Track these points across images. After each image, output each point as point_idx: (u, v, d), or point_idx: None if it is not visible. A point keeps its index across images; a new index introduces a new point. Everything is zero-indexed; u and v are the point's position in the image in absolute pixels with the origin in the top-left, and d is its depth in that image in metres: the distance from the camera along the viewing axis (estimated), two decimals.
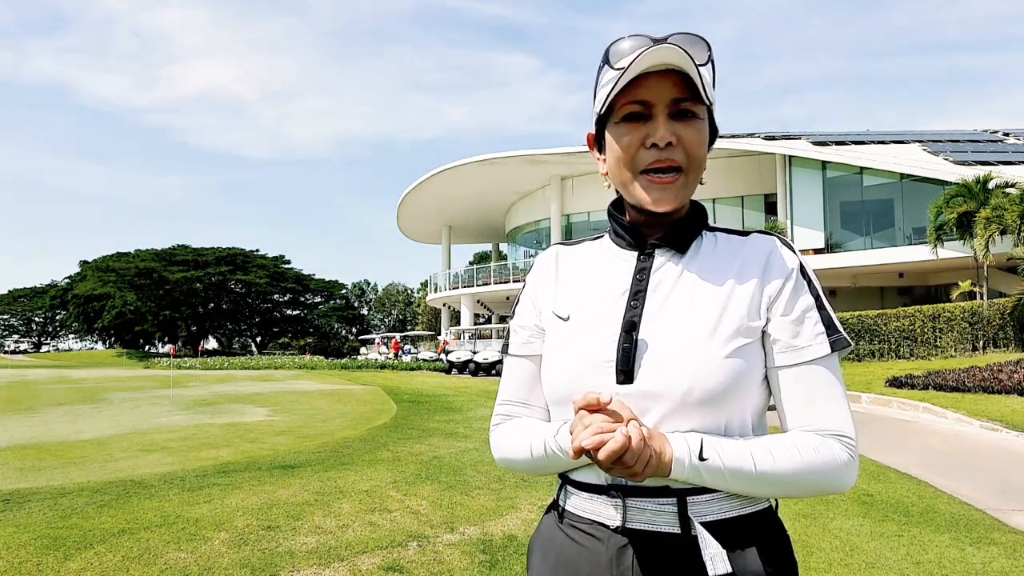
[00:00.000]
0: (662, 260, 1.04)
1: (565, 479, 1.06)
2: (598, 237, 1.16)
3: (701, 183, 1.03)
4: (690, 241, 1.04)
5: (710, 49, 0.98)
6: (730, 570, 0.90)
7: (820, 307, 0.99)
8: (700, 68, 0.95)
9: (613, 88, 0.96)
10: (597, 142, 1.08)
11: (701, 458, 0.90)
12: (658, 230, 1.04)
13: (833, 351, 0.97)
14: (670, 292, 1.01)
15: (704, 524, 0.93)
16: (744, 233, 1.07)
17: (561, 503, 1.06)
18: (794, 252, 1.03)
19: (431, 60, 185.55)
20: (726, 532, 0.94)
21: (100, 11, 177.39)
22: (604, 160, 1.06)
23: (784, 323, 0.98)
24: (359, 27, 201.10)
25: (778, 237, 1.05)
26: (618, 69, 0.96)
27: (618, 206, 1.10)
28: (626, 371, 0.96)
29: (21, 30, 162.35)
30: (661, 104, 0.97)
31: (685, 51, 0.92)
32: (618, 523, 0.96)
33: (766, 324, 0.99)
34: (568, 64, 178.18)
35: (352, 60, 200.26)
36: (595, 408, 0.88)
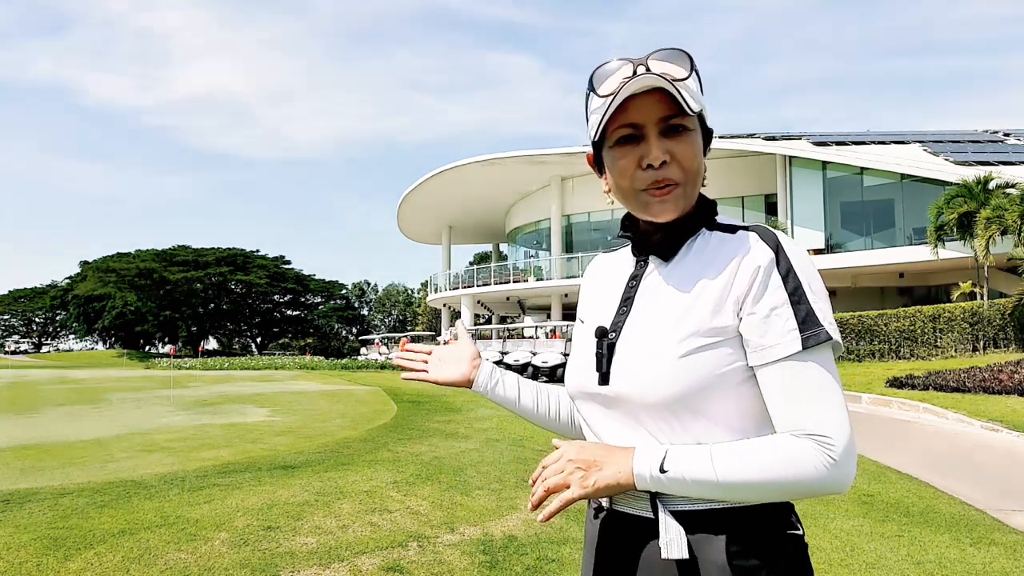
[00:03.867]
0: (652, 266, 1.09)
1: None
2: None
3: (703, 185, 1.06)
4: (678, 246, 1.07)
5: (692, 60, 1.00)
6: (686, 556, 0.95)
7: (796, 302, 0.95)
8: (684, 82, 0.98)
9: (603, 117, 1.00)
10: (597, 163, 1.12)
11: (662, 470, 0.96)
12: (657, 235, 1.08)
13: (805, 348, 0.93)
14: (651, 298, 1.06)
15: (675, 513, 0.98)
16: (734, 229, 1.05)
17: None
18: (771, 246, 0.99)
19: (431, 60, 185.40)
20: (697, 522, 0.98)
21: (101, 12, 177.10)
22: (606, 179, 1.10)
23: (752, 321, 0.97)
24: (359, 27, 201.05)
25: (759, 231, 1.02)
26: (603, 96, 1.00)
27: (630, 214, 1.14)
28: (603, 374, 1.05)
29: (24, 31, 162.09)
30: (651, 124, 0.99)
31: (663, 76, 0.96)
32: (607, 504, 1.08)
33: (740, 324, 0.98)
34: (568, 64, 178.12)
35: (352, 60, 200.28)
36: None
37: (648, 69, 0.98)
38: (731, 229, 1.05)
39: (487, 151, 31.43)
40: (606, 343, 1.05)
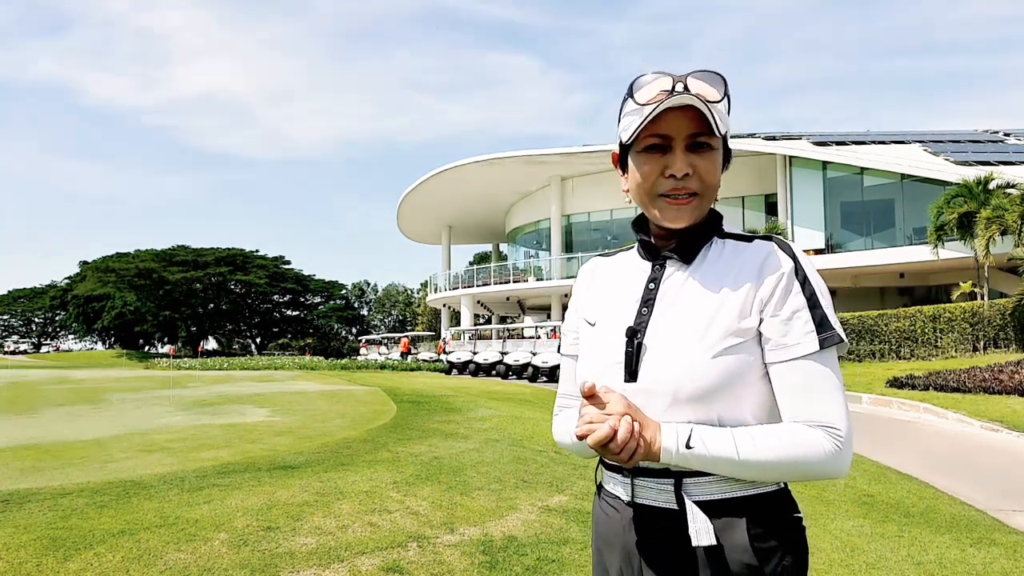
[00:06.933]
0: (671, 270, 1.15)
1: (601, 461, 1.21)
2: (631, 248, 1.28)
3: (716, 201, 1.14)
4: (696, 251, 1.15)
5: (726, 84, 1.08)
6: (714, 542, 1.02)
7: (813, 307, 1.06)
8: (716, 104, 1.06)
9: (639, 125, 1.07)
10: (621, 162, 1.19)
11: (687, 446, 1.02)
12: (671, 242, 1.16)
13: (822, 348, 1.04)
14: (674, 299, 1.12)
15: (698, 503, 1.05)
16: (749, 239, 1.15)
17: (598, 480, 1.26)
18: (790, 256, 1.10)
19: (431, 60, 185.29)
20: (719, 511, 1.05)
21: (101, 12, 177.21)
22: (627, 179, 1.18)
23: (774, 323, 1.06)
24: (359, 27, 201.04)
25: (778, 242, 1.12)
26: (640, 104, 1.08)
27: (641, 220, 1.22)
28: (631, 371, 1.10)
29: (24, 31, 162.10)
30: (679, 138, 1.08)
31: (699, 96, 1.04)
32: (628, 498, 1.13)
33: (760, 324, 1.07)
34: (568, 64, 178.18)
35: (352, 60, 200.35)
36: (589, 395, 1.03)
37: (686, 87, 1.06)
38: (745, 238, 1.15)
39: (487, 151, 31.48)
40: (636, 342, 1.10)
